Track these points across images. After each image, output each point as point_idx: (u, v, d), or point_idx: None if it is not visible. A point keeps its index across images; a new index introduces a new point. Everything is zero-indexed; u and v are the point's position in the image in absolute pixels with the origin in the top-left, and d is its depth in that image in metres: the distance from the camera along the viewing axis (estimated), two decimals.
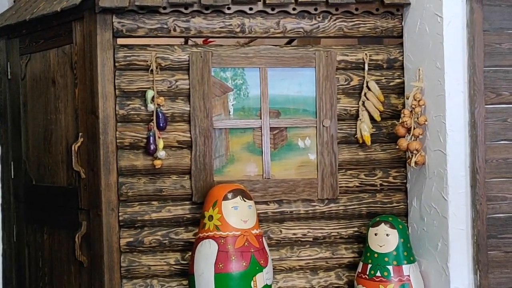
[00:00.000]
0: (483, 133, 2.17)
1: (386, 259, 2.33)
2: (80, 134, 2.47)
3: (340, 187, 2.53)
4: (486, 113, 2.18)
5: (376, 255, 2.36)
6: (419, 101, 2.31)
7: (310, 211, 2.53)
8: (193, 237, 2.42)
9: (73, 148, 2.45)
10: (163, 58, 2.43)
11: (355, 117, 2.53)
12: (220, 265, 2.15)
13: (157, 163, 2.39)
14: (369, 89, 2.50)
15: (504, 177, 2.19)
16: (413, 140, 2.33)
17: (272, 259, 2.34)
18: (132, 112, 2.43)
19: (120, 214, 2.42)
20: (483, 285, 2.16)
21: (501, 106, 2.19)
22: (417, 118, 2.32)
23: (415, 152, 2.32)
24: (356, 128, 2.52)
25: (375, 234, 2.39)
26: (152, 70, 2.40)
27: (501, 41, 2.21)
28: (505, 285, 2.19)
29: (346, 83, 2.53)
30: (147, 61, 2.41)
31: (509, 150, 2.19)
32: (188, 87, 2.44)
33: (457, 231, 2.20)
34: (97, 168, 2.40)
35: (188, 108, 2.45)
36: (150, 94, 2.39)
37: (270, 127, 2.50)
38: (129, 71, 2.43)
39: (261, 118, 2.49)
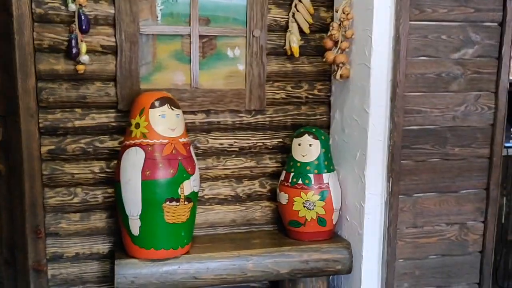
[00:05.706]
0: (405, 49, 2.25)
1: (308, 167, 2.45)
2: None
3: (267, 98, 2.56)
4: (410, 29, 2.25)
5: (298, 164, 2.46)
6: (347, 14, 2.34)
7: (237, 122, 2.56)
8: (119, 145, 2.39)
9: None
10: None
11: (285, 28, 2.52)
12: (147, 172, 2.15)
13: (80, 68, 2.28)
14: (299, 0, 2.49)
15: (420, 91, 2.32)
16: (340, 53, 2.38)
17: (199, 168, 2.37)
18: (51, 12, 2.25)
19: (40, 121, 2.31)
20: (394, 191, 2.34)
21: (424, 23, 2.27)
22: (345, 31, 2.36)
23: (340, 65, 2.38)
24: (285, 39, 2.52)
25: (299, 145, 2.48)
26: None
27: None
28: (413, 191, 2.39)
29: None
30: None
31: (427, 66, 2.31)
32: None
33: (375, 141, 2.32)
34: (12, 72, 2.24)
35: (113, 11, 2.31)
36: None
37: (199, 35, 2.44)
38: None
39: (190, 25, 2.42)
